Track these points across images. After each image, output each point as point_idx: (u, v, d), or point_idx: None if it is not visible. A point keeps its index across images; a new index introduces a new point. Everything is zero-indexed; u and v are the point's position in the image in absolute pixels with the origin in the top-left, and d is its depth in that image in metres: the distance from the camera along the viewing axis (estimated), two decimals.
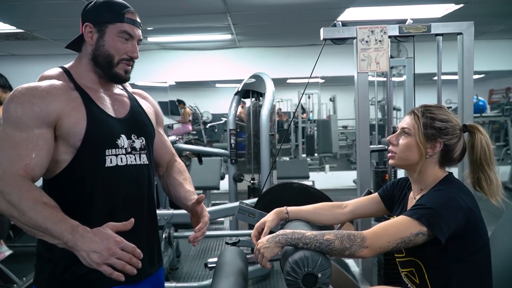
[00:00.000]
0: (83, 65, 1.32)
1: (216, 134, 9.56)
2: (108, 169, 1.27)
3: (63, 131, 1.22)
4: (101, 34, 1.28)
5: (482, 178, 1.37)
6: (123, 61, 1.31)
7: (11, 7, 4.11)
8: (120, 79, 1.34)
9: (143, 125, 1.40)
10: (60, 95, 1.23)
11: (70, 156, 1.23)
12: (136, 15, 1.33)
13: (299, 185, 2.01)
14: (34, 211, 1.09)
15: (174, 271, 3.75)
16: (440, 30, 2.16)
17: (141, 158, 1.36)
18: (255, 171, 4.06)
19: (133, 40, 1.31)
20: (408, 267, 1.41)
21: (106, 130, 1.28)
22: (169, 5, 4.21)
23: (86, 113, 1.25)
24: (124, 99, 1.39)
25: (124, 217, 1.25)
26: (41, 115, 1.19)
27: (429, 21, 2.20)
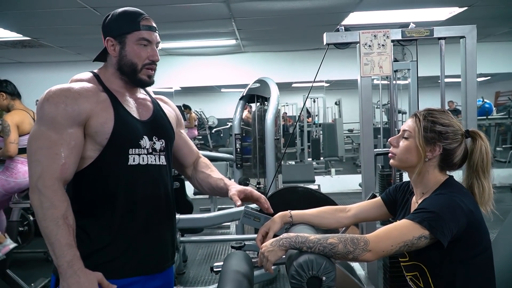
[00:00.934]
0: (110, 73, 1.41)
1: (221, 138, 9.60)
2: (131, 167, 1.35)
3: (92, 129, 1.30)
4: (122, 45, 1.37)
5: (475, 185, 1.37)
6: (146, 66, 1.39)
7: (18, 15, 4.17)
8: (145, 84, 1.43)
9: (164, 128, 1.48)
10: (91, 97, 1.32)
11: (96, 153, 1.31)
12: (151, 21, 1.41)
13: (304, 189, 2.02)
14: (54, 222, 1.19)
15: (181, 275, 3.76)
16: (443, 34, 2.17)
17: (160, 159, 1.43)
18: (261, 176, 4.08)
19: (151, 44, 1.39)
20: (412, 271, 1.42)
21: (131, 131, 1.36)
22: (174, 12, 4.25)
23: (114, 114, 1.33)
24: (148, 103, 1.48)
25: (142, 213, 1.37)
26: (73, 115, 1.27)
27: (433, 24, 2.22)
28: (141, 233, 1.37)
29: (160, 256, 1.44)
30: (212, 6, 4.14)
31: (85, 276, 1.19)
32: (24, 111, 3.34)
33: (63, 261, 1.19)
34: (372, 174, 2.25)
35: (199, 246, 4.55)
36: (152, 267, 1.40)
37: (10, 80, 3.40)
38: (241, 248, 1.92)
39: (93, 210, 1.33)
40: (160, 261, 1.44)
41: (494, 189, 1.41)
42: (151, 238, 1.39)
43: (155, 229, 1.40)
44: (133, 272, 1.35)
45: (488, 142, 1.40)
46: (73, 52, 6.22)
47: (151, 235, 1.39)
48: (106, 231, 1.32)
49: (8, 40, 5.16)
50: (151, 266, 1.40)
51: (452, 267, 1.31)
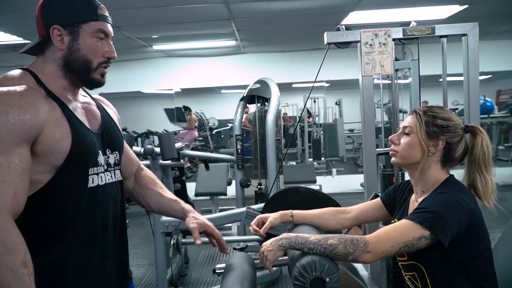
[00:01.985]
0: (50, 70, 1.14)
1: (222, 140, 9.58)
2: (90, 190, 1.14)
3: (44, 148, 1.05)
4: (74, 36, 1.12)
5: (478, 179, 1.37)
6: (101, 64, 1.17)
7: (18, 19, 4.17)
8: (97, 84, 1.19)
9: (116, 137, 1.28)
10: (40, 105, 1.05)
11: (47, 176, 1.07)
12: (106, 10, 1.18)
13: (305, 190, 2.01)
14: (12, 273, 0.96)
15: (183, 277, 3.75)
16: (444, 32, 2.16)
17: (116, 175, 1.26)
18: (262, 176, 4.06)
19: (108, 38, 1.17)
20: (410, 270, 1.41)
21: (89, 147, 1.14)
22: (173, 13, 4.24)
23: (70, 127, 1.10)
24: (94, 109, 1.25)
25: (103, 241, 1.20)
26: (21, 130, 1.01)
27: (433, 22, 2.20)
28: (105, 262, 1.21)
29: (121, 278, 1.32)
30: (211, 7, 4.14)
31: None
32: None
33: None
34: (374, 173, 2.23)
35: (200, 248, 4.54)
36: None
37: None
38: (243, 250, 1.91)
39: (44, 246, 1.08)
40: (122, 283, 1.33)
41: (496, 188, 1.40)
42: (113, 263, 1.25)
43: (116, 253, 1.27)
44: None
45: (496, 135, 1.40)
46: None
47: (113, 260, 1.25)
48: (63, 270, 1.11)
49: (9, 43, 5.16)
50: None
51: (451, 268, 1.30)
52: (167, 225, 2.85)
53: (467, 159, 1.40)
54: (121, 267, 1.32)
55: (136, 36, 5.17)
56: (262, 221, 1.54)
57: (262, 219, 1.55)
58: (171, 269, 3.32)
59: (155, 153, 3.07)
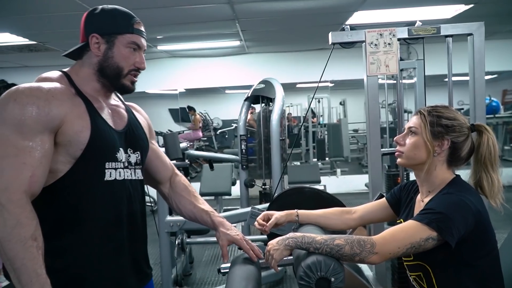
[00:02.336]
0: (85, 73, 1.26)
1: (226, 140, 9.60)
2: (106, 183, 1.21)
3: (65, 138, 1.14)
4: (110, 45, 1.24)
5: (484, 178, 1.36)
6: (131, 72, 1.28)
7: (24, 20, 4.20)
8: (127, 90, 1.30)
9: (140, 139, 1.36)
10: (65, 100, 1.17)
11: (67, 167, 1.16)
12: (142, 25, 1.31)
13: (310, 190, 2.01)
14: (21, 244, 1.03)
15: (188, 277, 3.76)
16: (450, 32, 2.15)
17: (136, 173, 1.32)
18: (266, 176, 4.07)
19: (140, 50, 1.29)
20: (416, 271, 1.40)
21: (108, 142, 1.23)
22: (178, 14, 4.25)
23: (91, 122, 1.19)
24: (122, 111, 1.35)
25: (118, 235, 1.25)
26: (45, 120, 1.11)
27: (439, 22, 2.19)
28: (119, 256, 1.26)
29: (138, 275, 1.34)
30: (216, 8, 4.14)
31: None
32: None
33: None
34: (379, 174, 2.23)
35: (205, 248, 4.54)
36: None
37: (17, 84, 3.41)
38: None
39: (61, 232, 1.16)
40: (138, 281, 1.35)
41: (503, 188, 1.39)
42: (126, 261, 1.28)
43: (132, 249, 1.30)
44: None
45: (502, 135, 1.39)
46: None
47: (126, 258, 1.28)
48: (77, 256, 1.18)
49: (15, 44, 5.19)
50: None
51: (457, 268, 1.29)
52: (172, 225, 2.86)
53: (473, 158, 1.39)
54: (138, 264, 1.35)
55: None
56: (268, 218, 1.56)
57: (268, 215, 1.56)
58: (176, 269, 3.32)
59: None
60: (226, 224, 1.45)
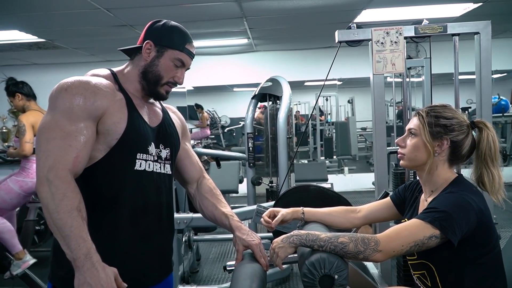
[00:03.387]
0: (131, 73, 1.39)
1: (234, 138, 9.61)
2: (136, 172, 1.32)
3: (104, 127, 1.26)
4: (159, 54, 1.36)
5: (485, 174, 1.36)
6: (168, 83, 1.39)
7: (34, 18, 4.24)
8: (161, 98, 1.42)
9: (171, 137, 1.45)
10: (108, 94, 1.29)
11: (101, 154, 1.27)
12: (193, 47, 1.43)
13: (316, 188, 2.02)
14: (68, 214, 1.14)
15: (194, 274, 3.78)
16: (456, 30, 2.14)
17: (165, 168, 1.41)
18: (273, 174, 4.08)
19: (183, 68, 1.40)
20: (419, 269, 1.41)
21: (141, 135, 1.33)
22: (185, 11, 4.27)
23: (128, 115, 1.31)
24: (158, 110, 1.46)
25: (144, 221, 1.34)
26: (91, 109, 1.24)
27: (447, 20, 2.19)
28: (141, 243, 1.34)
29: (161, 266, 1.42)
30: (223, 6, 4.15)
31: (103, 270, 1.13)
32: (39, 112, 3.39)
33: (79, 253, 1.12)
34: (385, 172, 2.23)
35: (212, 245, 4.57)
36: (151, 278, 1.38)
37: (26, 82, 3.45)
38: None
39: (92, 215, 1.24)
40: (159, 272, 1.42)
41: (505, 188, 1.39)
42: (150, 248, 1.36)
43: (155, 239, 1.38)
44: (131, 284, 1.26)
45: (495, 131, 1.39)
46: (87, 53, 6.29)
47: (151, 245, 1.36)
48: (105, 238, 1.27)
49: (24, 42, 5.25)
50: (150, 278, 1.38)
51: (460, 267, 1.30)
52: (179, 222, 2.88)
53: (474, 154, 1.40)
54: (163, 255, 1.43)
55: None
56: (274, 214, 1.57)
57: (274, 212, 1.58)
58: (183, 266, 3.35)
59: None
60: (243, 228, 1.47)
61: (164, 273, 1.44)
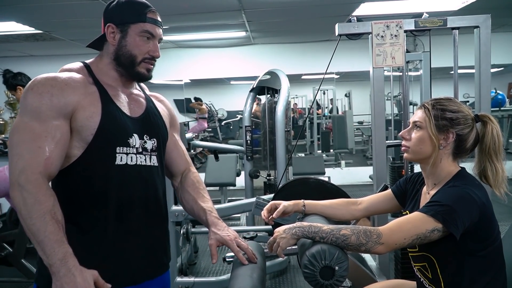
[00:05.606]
0: (104, 64, 1.32)
1: (231, 131, 9.61)
2: (118, 167, 1.26)
3: (77, 123, 1.21)
4: (123, 34, 1.29)
5: (488, 168, 1.37)
6: (145, 60, 1.32)
7: (30, 9, 4.21)
8: (143, 77, 1.35)
9: (157, 126, 1.39)
10: (78, 88, 1.23)
11: (80, 151, 1.22)
12: (157, 14, 1.35)
13: (315, 181, 2.02)
14: (41, 219, 1.10)
15: (192, 266, 3.80)
16: (456, 24, 2.14)
17: (152, 160, 1.35)
18: (271, 168, 4.08)
19: (154, 39, 1.32)
20: (420, 261, 1.42)
21: (119, 128, 1.27)
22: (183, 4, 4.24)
23: (102, 108, 1.24)
24: (141, 99, 1.39)
25: (131, 217, 1.29)
26: (59, 106, 1.19)
27: (445, 14, 2.19)
28: (131, 239, 1.29)
29: (151, 262, 1.36)
30: None
31: (81, 274, 1.08)
32: None
33: (55, 259, 1.08)
34: (384, 165, 2.24)
35: None
36: (143, 275, 1.33)
37: (23, 72, 3.42)
38: (253, 239, 1.93)
39: (76, 215, 1.23)
40: (152, 268, 1.36)
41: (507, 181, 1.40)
42: (141, 244, 1.31)
43: (145, 234, 1.33)
44: (123, 281, 1.25)
45: (507, 127, 1.40)
46: (84, 45, 6.23)
47: (141, 240, 1.31)
48: (93, 237, 1.24)
49: (21, 33, 5.21)
50: (142, 274, 1.32)
51: (462, 259, 1.31)
52: (177, 214, 2.89)
53: (477, 148, 1.40)
54: (153, 250, 1.36)
55: None
56: (275, 207, 1.57)
57: (275, 205, 1.58)
58: (181, 258, 3.36)
59: None
60: (220, 224, 1.38)
61: (156, 269, 1.38)
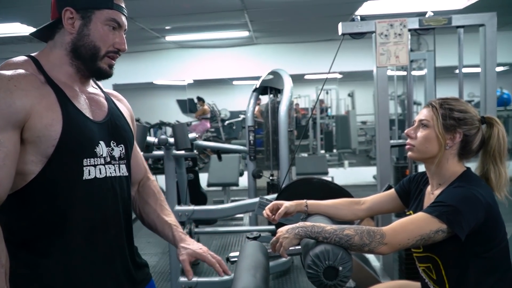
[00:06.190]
0: (57, 56, 1.11)
1: (234, 131, 9.62)
2: (86, 182, 1.06)
3: (33, 134, 0.99)
4: (86, 21, 1.08)
5: (492, 170, 1.36)
6: (109, 53, 1.12)
7: (35, 10, 4.21)
8: (104, 75, 1.14)
9: (123, 130, 1.20)
10: (30, 90, 1.01)
11: (38, 167, 1.01)
12: (122, 1, 1.14)
13: (318, 181, 2.01)
14: None
15: (196, 266, 3.79)
16: (461, 22, 2.13)
17: (121, 169, 1.17)
18: (274, 168, 4.07)
19: (120, 29, 1.13)
20: (425, 262, 1.41)
21: (85, 135, 1.07)
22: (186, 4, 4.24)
23: (62, 113, 1.03)
24: (101, 100, 1.19)
25: (104, 238, 1.12)
26: (7, 113, 0.97)
27: (450, 12, 2.17)
28: (105, 263, 1.12)
29: (130, 283, 1.20)
30: None
31: None
32: None
33: None
34: (388, 165, 2.23)
35: (213, 237, 4.58)
36: None
37: None
38: (256, 239, 1.93)
39: (38, 243, 1.03)
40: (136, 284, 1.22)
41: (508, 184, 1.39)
42: (116, 267, 1.15)
43: (119, 255, 1.16)
44: None
45: (504, 128, 1.39)
46: None
47: (116, 263, 1.15)
48: (57, 269, 1.04)
49: (26, 35, 5.20)
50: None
51: (466, 260, 1.30)
52: (180, 214, 2.89)
53: (482, 150, 1.39)
54: (129, 270, 1.21)
55: (150, 27, 5.19)
56: (277, 207, 1.57)
57: (277, 205, 1.57)
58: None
59: (168, 143, 3.10)
60: (188, 239, 1.26)
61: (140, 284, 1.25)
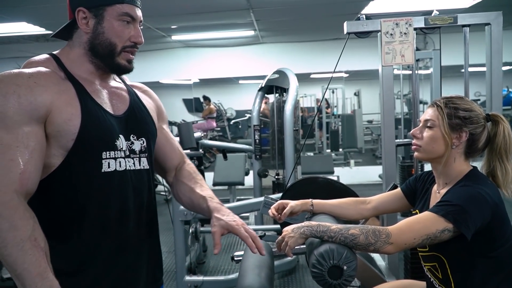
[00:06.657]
0: (76, 55, 1.13)
1: (240, 130, 9.62)
2: (105, 175, 1.09)
3: (54, 128, 1.03)
4: (99, 19, 1.09)
5: (498, 168, 1.35)
6: (126, 48, 1.13)
7: (41, 9, 4.24)
8: (123, 70, 1.16)
9: (144, 123, 1.21)
10: (50, 86, 1.04)
11: (59, 160, 1.05)
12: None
13: (324, 180, 2.01)
14: (19, 248, 0.94)
15: (201, 265, 3.81)
16: (467, 21, 2.11)
17: (141, 162, 1.18)
18: (280, 167, 4.08)
19: (135, 22, 1.13)
20: (431, 261, 1.40)
21: (104, 129, 1.10)
22: (192, 3, 4.25)
23: (81, 108, 1.06)
24: (123, 93, 1.21)
25: (121, 231, 1.13)
26: (29, 109, 1.00)
27: (456, 11, 2.16)
28: (118, 256, 1.13)
29: (141, 280, 1.19)
30: None
31: None
32: None
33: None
34: (393, 164, 2.22)
35: None
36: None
37: None
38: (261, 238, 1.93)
39: (57, 231, 1.06)
40: (147, 285, 1.21)
41: None
42: (130, 261, 1.16)
43: (138, 250, 1.17)
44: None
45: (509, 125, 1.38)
46: None
47: (134, 257, 1.16)
48: (74, 256, 1.08)
49: (32, 34, 5.26)
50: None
51: (472, 259, 1.30)
52: (186, 213, 2.90)
53: (487, 148, 1.39)
54: (148, 265, 1.22)
55: (156, 26, 5.21)
56: (283, 207, 1.57)
57: (282, 204, 1.58)
58: (190, 257, 3.37)
59: None
60: (224, 210, 1.22)
61: (154, 282, 1.25)
